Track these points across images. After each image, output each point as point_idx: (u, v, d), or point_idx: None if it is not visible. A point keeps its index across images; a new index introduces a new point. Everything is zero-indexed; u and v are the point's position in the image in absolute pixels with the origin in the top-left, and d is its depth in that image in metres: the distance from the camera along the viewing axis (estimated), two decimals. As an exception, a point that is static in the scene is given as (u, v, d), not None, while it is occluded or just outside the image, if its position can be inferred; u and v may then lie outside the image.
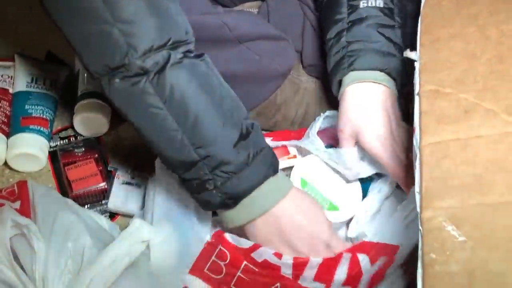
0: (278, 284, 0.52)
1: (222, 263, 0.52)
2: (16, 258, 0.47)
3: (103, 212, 0.68)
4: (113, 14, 0.44)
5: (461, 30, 0.49)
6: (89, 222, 0.56)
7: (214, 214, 0.55)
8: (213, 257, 0.52)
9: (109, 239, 0.56)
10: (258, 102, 0.73)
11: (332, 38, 0.61)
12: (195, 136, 0.47)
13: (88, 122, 0.72)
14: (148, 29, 0.45)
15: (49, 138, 0.73)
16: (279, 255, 0.51)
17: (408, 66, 0.59)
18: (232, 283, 0.51)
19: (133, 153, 0.73)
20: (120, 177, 0.67)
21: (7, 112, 0.73)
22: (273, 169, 0.51)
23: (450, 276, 0.36)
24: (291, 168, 0.60)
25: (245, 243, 0.52)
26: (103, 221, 0.62)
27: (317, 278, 0.52)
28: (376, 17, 0.60)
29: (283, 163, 0.60)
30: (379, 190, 0.60)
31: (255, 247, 0.51)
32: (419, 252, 0.38)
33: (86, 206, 0.68)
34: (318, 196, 0.59)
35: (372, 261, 0.53)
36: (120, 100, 0.47)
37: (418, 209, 0.40)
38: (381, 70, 0.58)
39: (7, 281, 0.46)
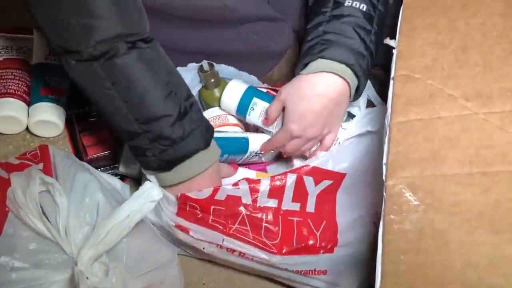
0: (243, 213, 0.61)
1: (196, 211, 0.61)
2: (43, 211, 0.55)
3: (115, 175, 0.76)
4: (75, 6, 0.50)
5: (435, 20, 0.55)
6: (102, 182, 0.64)
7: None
8: (187, 209, 0.61)
9: (120, 197, 0.64)
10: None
11: (311, 27, 0.67)
12: (138, 113, 0.55)
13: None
14: (104, 23, 0.51)
15: (66, 106, 0.80)
16: (236, 184, 0.62)
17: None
18: (209, 220, 0.61)
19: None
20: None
21: (27, 82, 0.79)
22: (205, 143, 0.59)
23: (405, 232, 0.43)
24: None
25: (206, 193, 0.60)
26: (116, 181, 0.70)
27: (271, 195, 0.62)
28: (356, 18, 0.64)
29: None
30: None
31: (215, 191, 0.61)
32: (382, 213, 0.46)
33: (99, 170, 0.75)
34: None
35: (316, 183, 0.63)
36: (76, 77, 0.55)
37: (384, 178, 0.47)
38: (347, 65, 0.64)
39: (37, 230, 0.54)
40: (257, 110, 0.71)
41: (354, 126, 0.70)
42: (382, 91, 0.79)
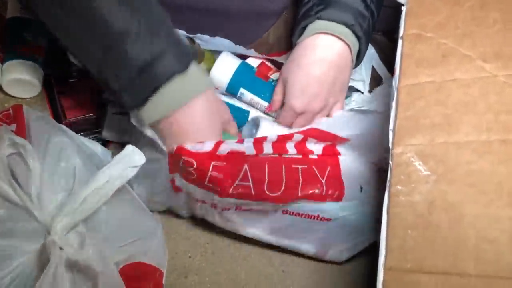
0: (245, 166, 0.56)
1: (190, 169, 0.55)
2: (13, 175, 0.50)
3: (97, 139, 0.71)
4: None
5: (449, -25, 0.50)
6: (81, 146, 0.59)
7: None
8: (180, 165, 0.55)
9: (100, 163, 0.59)
10: (251, 41, 0.74)
11: None
12: (97, 37, 0.49)
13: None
14: None
15: (44, 65, 0.74)
16: (241, 141, 0.57)
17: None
18: (206, 181, 0.55)
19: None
20: (111, 108, 0.69)
21: (1, 37, 0.73)
22: (183, 66, 0.51)
23: (413, 205, 0.39)
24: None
25: (208, 146, 0.54)
26: (97, 146, 0.65)
27: (275, 150, 0.58)
28: None
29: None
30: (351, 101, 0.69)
31: (218, 145, 0.54)
32: (387, 183, 0.42)
33: (79, 134, 0.70)
34: None
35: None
36: (34, 8, 0.50)
37: (390, 146, 0.43)
38: (347, 25, 0.59)
39: (5, 196, 0.49)
40: (246, 100, 0.67)
41: (360, 100, 0.66)
42: (386, 59, 0.74)
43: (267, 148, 0.58)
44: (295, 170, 0.58)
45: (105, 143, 0.71)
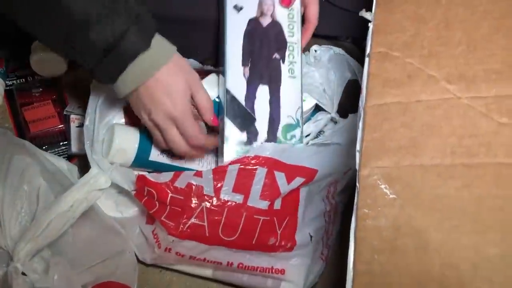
0: (203, 205, 0.56)
1: (153, 199, 0.56)
2: (-28, 199, 0.48)
3: (61, 153, 0.69)
4: None
5: (415, -8, 0.50)
6: (46, 164, 0.57)
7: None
8: (144, 196, 0.56)
9: (66, 181, 0.58)
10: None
11: None
12: (57, 23, 0.48)
13: (46, 62, 0.71)
14: None
15: (5, 76, 0.71)
16: (199, 173, 0.56)
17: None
18: (163, 216, 0.55)
19: (92, 94, 0.73)
20: (75, 120, 0.67)
21: (-41, 48, 0.71)
22: (144, 44, 0.51)
23: (379, 230, 0.39)
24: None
25: (165, 177, 0.56)
26: (62, 162, 0.64)
27: (236, 189, 0.56)
28: None
29: None
30: (315, 120, 0.68)
31: (175, 176, 0.55)
32: (354, 206, 0.42)
33: (44, 147, 0.68)
34: None
35: (289, 180, 0.58)
36: None
37: (357, 167, 0.43)
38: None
39: (-37, 222, 0.47)
40: None
41: (328, 135, 0.66)
42: (357, 67, 0.74)
43: (228, 187, 0.56)
44: (256, 220, 0.57)
45: (69, 157, 0.69)
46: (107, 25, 0.49)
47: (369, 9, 0.51)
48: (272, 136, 0.61)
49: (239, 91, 0.60)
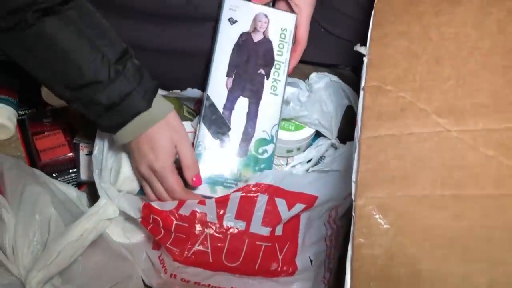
0: (207, 232, 0.58)
1: (159, 227, 0.58)
2: (-14, 229, 0.51)
3: (71, 180, 0.72)
4: None
5: (407, 28, 0.53)
6: (56, 193, 0.59)
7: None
8: (150, 223, 0.58)
9: (76, 210, 0.60)
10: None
11: None
12: (66, 80, 0.53)
13: None
14: None
15: (18, 107, 0.74)
16: (202, 202, 0.58)
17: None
18: (168, 243, 0.57)
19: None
20: (84, 149, 0.70)
21: (-26, 80, 0.74)
22: (146, 104, 0.55)
23: (374, 258, 0.41)
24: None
25: (169, 205, 0.58)
26: (71, 190, 0.66)
27: (238, 216, 0.58)
28: None
29: None
30: (316, 145, 0.70)
31: (180, 204, 0.57)
32: (351, 235, 0.44)
33: (54, 175, 0.71)
34: None
35: (289, 207, 0.60)
36: (4, 48, 0.53)
37: (353, 197, 0.45)
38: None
39: (-21, 250, 0.50)
40: None
41: (328, 162, 0.68)
42: (355, 89, 0.77)
43: (230, 214, 0.58)
44: (258, 246, 0.59)
45: (78, 184, 0.72)
46: (114, 87, 0.53)
47: (364, 41, 0.54)
48: (243, 147, 0.63)
49: (219, 99, 0.63)
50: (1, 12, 0.49)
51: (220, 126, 0.62)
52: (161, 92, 0.71)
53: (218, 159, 0.62)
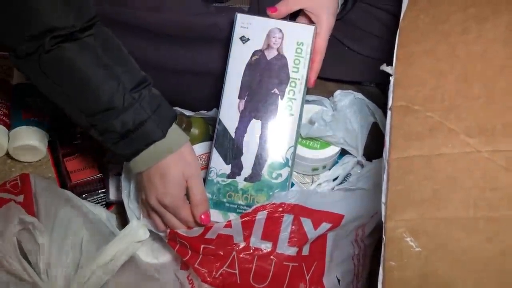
0: (234, 253, 0.58)
1: (186, 248, 0.59)
2: (21, 252, 0.52)
3: (99, 200, 0.73)
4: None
5: (434, 46, 0.52)
6: (88, 215, 0.61)
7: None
8: (177, 244, 0.59)
9: (106, 230, 0.61)
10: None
11: None
12: (82, 106, 0.54)
13: None
14: (34, 17, 0.50)
15: (49, 129, 0.76)
16: (229, 224, 0.58)
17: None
18: (196, 263, 0.58)
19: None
20: (113, 169, 0.71)
21: (7, 103, 0.76)
22: (161, 133, 0.55)
23: (406, 281, 0.41)
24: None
25: (195, 232, 0.58)
26: (101, 210, 0.67)
27: (264, 236, 0.58)
28: None
29: None
30: (342, 163, 0.70)
31: (206, 230, 0.58)
32: (382, 258, 0.43)
33: (83, 195, 0.72)
34: None
35: (315, 226, 0.59)
36: (23, 72, 0.55)
37: (383, 219, 0.44)
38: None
39: (15, 273, 0.51)
40: None
41: (354, 181, 0.68)
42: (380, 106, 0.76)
43: (256, 236, 0.58)
44: (286, 266, 0.59)
45: (107, 204, 0.73)
46: (128, 114, 0.53)
47: (389, 59, 0.54)
48: (256, 172, 0.62)
49: (231, 123, 0.62)
50: (21, 37, 0.50)
51: (232, 151, 0.62)
52: (187, 112, 0.73)
53: (230, 185, 0.62)
